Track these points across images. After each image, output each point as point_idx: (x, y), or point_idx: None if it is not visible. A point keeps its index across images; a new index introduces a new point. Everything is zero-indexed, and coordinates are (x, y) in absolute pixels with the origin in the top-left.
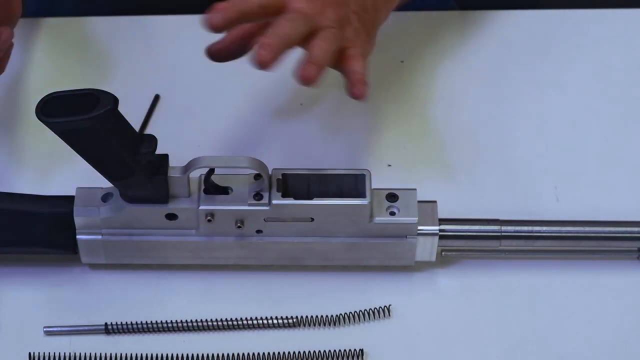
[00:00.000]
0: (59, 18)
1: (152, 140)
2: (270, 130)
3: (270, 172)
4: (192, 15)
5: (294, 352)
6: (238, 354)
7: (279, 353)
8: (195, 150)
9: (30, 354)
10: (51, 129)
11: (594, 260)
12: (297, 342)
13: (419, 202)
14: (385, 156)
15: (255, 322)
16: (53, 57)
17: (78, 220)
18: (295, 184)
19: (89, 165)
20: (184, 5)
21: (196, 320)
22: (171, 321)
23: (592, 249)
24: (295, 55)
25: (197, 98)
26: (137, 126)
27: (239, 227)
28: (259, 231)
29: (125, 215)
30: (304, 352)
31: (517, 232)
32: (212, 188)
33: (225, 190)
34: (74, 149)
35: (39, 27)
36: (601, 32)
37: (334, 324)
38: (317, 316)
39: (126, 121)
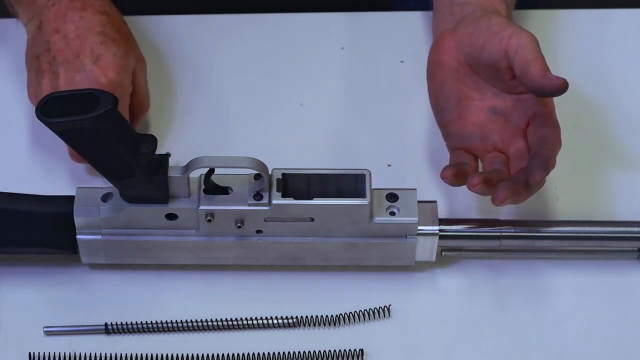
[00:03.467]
0: None
1: (152, 140)
2: (270, 130)
3: (270, 172)
4: (193, 15)
5: (294, 352)
6: (238, 354)
7: (279, 353)
8: (195, 150)
9: (30, 354)
10: (51, 129)
11: (594, 260)
12: (297, 342)
13: (419, 202)
14: (385, 156)
15: (255, 322)
16: None
17: (78, 220)
18: (295, 184)
19: (89, 165)
20: (184, 5)
21: (196, 320)
22: (171, 321)
23: (592, 249)
24: None
25: (197, 98)
26: (137, 126)
27: (239, 227)
28: (259, 231)
29: (125, 215)
30: (304, 352)
31: (517, 232)
32: (212, 188)
33: (225, 190)
34: (74, 149)
35: None
36: (601, 32)
37: (334, 324)
38: (317, 316)
39: (126, 121)
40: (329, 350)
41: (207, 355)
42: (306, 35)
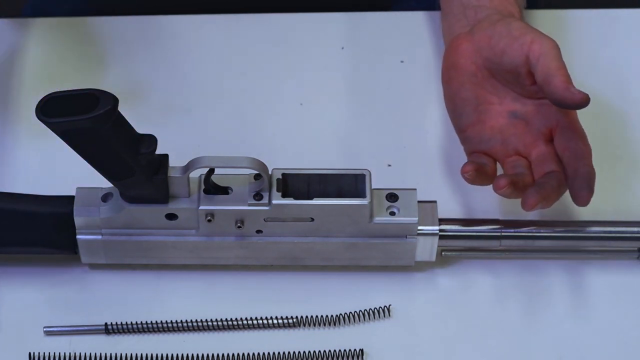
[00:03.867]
0: (58, 18)
1: (152, 140)
2: (270, 130)
3: (270, 172)
4: (192, 15)
5: (294, 352)
6: (238, 354)
7: (279, 353)
8: (195, 150)
9: (30, 354)
10: (51, 129)
11: (594, 260)
12: (297, 342)
13: (419, 202)
14: (385, 156)
15: (255, 322)
16: (52, 57)
17: (78, 220)
18: (295, 184)
19: (89, 165)
20: (184, 5)
21: (196, 320)
22: (171, 321)
23: (592, 249)
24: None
25: (197, 98)
26: (136, 126)
27: (239, 227)
28: (259, 231)
29: (125, 215)
30: (304, 352)
31: (517, 232)
32: (212, 188)
33: (225, 190)
34: (74, 149)
35: (38, 27)
36: (601, 32)
37: (334, 324)
38: (317, 316)
39: (126, 121)
40: (329, 350)
41: (207, 355)
42: (306, 35)
